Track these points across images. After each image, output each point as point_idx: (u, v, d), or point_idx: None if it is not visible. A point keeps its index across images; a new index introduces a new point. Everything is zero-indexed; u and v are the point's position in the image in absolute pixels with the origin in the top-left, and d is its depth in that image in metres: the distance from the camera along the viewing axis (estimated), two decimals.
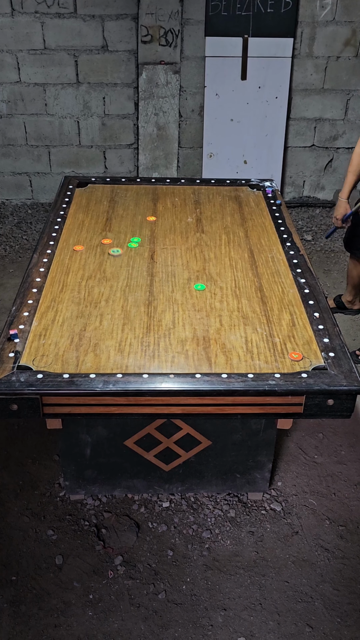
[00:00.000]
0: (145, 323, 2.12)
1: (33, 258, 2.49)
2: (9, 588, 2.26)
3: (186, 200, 3.06)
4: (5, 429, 2.91)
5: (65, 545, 2.41)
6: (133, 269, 2.44)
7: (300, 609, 2.22)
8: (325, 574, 2.34)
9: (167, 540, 2.44)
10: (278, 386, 1.84)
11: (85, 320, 2.12)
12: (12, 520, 2.50)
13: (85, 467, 2.46)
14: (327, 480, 2.71)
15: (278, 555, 2.40)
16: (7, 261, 4.40)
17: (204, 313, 2.18)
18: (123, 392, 1.84)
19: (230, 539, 2.45)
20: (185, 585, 2.29)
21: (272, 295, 2.29)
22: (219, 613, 2.20)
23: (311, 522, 2.52)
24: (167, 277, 2.39)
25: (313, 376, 1.88)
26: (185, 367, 1.92)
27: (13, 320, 2.11)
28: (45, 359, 1.93)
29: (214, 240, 2.67)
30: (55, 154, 4.93)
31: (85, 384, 1.83)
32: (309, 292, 2.30)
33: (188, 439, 2.37)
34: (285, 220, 2.85)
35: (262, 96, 4.76)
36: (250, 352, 1.98)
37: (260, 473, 2.51)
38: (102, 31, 4.48)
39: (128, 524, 2.48)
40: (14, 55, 4.52)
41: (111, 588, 2.27)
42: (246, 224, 2.82)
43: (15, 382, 1.83)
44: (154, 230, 2.75)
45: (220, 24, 4.48)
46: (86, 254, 2.54)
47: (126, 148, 4.95)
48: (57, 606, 2.20)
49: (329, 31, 4.56)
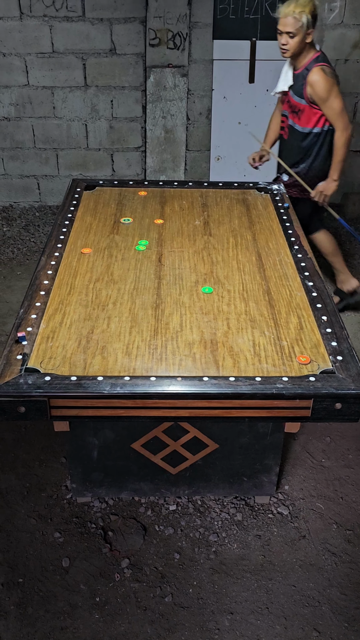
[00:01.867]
0: (152, 326, 2.12)
1: (41, 261, 2.50)
2: (16, 590, 2.26)
3: (194, 203, 3.06)
4: (12, 431, 2.92)
5: (72, 548, 2.41)
6: (141, 271, 2.44)
7: (308, 613, 2.21)
8: (332, 578, 2.33)
9: (173, 543, 2.44)
10: (286, 389, 1.84)
11: (92, 322, 2.13)
12: (19, 523, 2.50)
13: (92, 470, 2.46)
14: (335, 484, 2.70)
15: (285, 559, 2.39)
16: (15, 263, 4.41)
17: (212, 316, 2.18)
18: (130, 395, 1.84)
19: (237, 542, 2.45)
20: (192, 588, 2.28)
21: (280, 299, 2.28)
22: (226, 617, 2.19)
23: (318, 526, 2.51)
24: (174, 280, 2.39)
25: (321, 380, 1.87)
26: (193, 370, 1.91)
27: (21, 322, 2.11)
28: (53, 361, 1.93)
29: (222, 243, 2.67)
30: (63, 156, 4.94)
31: (93, 386, 1.83)
32: (317, 295, 2.30)
33: (195, 442, 2.37)
34: (293, 223, 2.85)
35: (270, 99, 4.75)
36: (257, 356, 1.98)
37: (267, 476, 2.50)
38: (110, 34, 4.50)
39: (135, 526, 2.48)
40: (23, 59, 4.55)
41: (118, 591, 2.26)
42: (254, 227, 2.82)
43: (23, 384, 1.83)
44: (162, 233, 2.75)
45: (228, 27, 4.49)
46: (94, 257, 2.54)
47: (134, 151, 4.96)
48: (64, 609, 2.20)
49: (337, 34, 4.56)
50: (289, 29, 3.19)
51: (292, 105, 3.44)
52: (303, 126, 3.43)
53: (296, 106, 3.40)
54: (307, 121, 3.40)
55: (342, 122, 3.32)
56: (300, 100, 3.36)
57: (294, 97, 3.40)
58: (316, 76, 3.24)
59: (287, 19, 3.17)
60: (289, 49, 3.25)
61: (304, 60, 3.32)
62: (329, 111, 3.31)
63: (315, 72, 3.25)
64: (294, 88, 3.39)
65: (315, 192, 3.51)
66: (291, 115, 3.47)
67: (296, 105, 3.40)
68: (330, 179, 3.49)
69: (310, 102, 3.33)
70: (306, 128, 3.42)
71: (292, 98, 3.41)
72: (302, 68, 3.33)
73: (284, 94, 3.51)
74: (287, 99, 3.48)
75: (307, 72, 3.29)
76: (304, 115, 3.39)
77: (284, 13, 3.18)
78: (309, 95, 3.30)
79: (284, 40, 3.24)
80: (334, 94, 3.27)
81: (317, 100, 3.29)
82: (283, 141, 3.64)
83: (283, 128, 3.59)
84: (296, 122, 3.45)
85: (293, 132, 3.49)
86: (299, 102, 3.38)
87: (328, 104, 3.28)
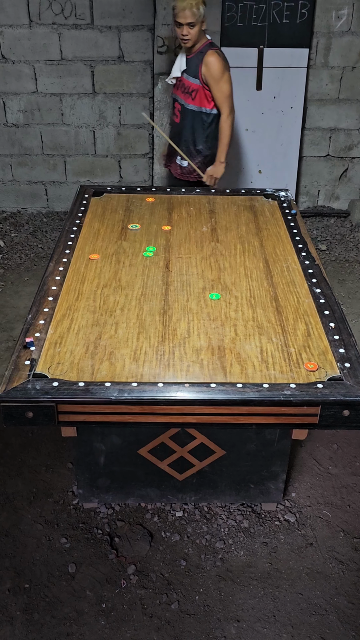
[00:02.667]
0: (160, 332, 2.12)
1: (49, 266, 2.51)
2: (22, 596, 2.26)
3: (201, 210, 3.07)
4: (19, 436, 2.92)
5: (78, 554, 2.40)
6: (148, 277, 2.45)
7: (315, 621, 2.20)
8: (339, 586, 2.31)
9: (180, 550, 2.43)
10: (293, 396, 1.83)
11: (100, 328, 2.13)
12: (26, 528, 2.50)
13: (99, 476, 2.46)
14: (342, 492, 2.68)
15: (292, 567, 2.38)
16: (23, 269, 4.43)
17: (219, 322, 2.18)
18: (138, 401, 1.84)
19: (244, 549, 2.44)
20: (199, 595, 2.27)
21: (288, 305, 2.28)
22: (232, 624, 2.18)
23: (325, 534, 2.50)
24: (182, 286, 2.39)
25: (329, 387, 1.87)
26: (200, 377, 1.92)
27: (29, 328, 2.12)
28: (61, 367, 1.94)
29: (229, 249, 2.68)
30: (71, 163, 4.97)
31: (101, 392, 1.84)
32: (324, 302, 2.30)
33: (202, 449, 2.37)
34: (301, 229, 2.85)
35: (277, 106, 4.77)
36: (265, 362, 1.98)
37: (274, 483, 2.50)
38: (118, 42, 4.52)
39: (141, 533, 2.48)
40: (31, 66, 4.58)
41: (124, 597, 2.26)
42: (261, 234, 2.82)
43: (31, 389, 1.84)
44: (169, 239, 2.76)
45: (236, 34, 4.51)
46: (102, 263, 2.55)
47: (141, 157, 4.98)
48: (70, 615, 2.20)
49: (344, 41, 4.57)
50: (189, 20, 3.42)
51: (185, 87, 3.67)
52: (198, 105, 3.66)
53: (190, 86, 3.63)
54: (200, 101, 3.64)
55: (229, 106, 3.62)
56: (194, 80, 3.61)
57: (188, 79, 3.63)
58: (212, 57, 3.53)
59: (187, 11, 3.40)
60: (191, 39, 3.50)
61: (198, 45, 3.58)
62: (218, 93, 3.58)
63: (211, 54, 3.54)
64: (188, 71, 3.63)
65: (206, 176, 3.76)
66: (184, 97, 3.69)
67: (190, 86, 3.63)
68: (218, 161, 3.75)
69: (204, 83, 3.58)
70: (201, 108, 3.65)
71: (187, 80, 3.64)
72: (196, 52, 3.58)
73: (178, 80, 3.72)
74: (180, 84, 3.70)
75: (202, 55, 3.55)
76: (198, 95, 3.63)
77: (183, 6, 3.39)
78: (203, 75, 3.55)
79: (185, 32, 3.47)
80: (225, 77, 3.57)
81: (210, 80, 3.54)
82: (175, 125, 3.82)
83: (174, 113, 3.79)
84: (189, 102, 3.67)
85: (186, 113, 3.71)
86: (193, 82, 3.62)
87: (219, 86, 3.56)
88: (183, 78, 3.67)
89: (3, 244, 4.75)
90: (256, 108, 4.77)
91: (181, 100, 3.71)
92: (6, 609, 2.22)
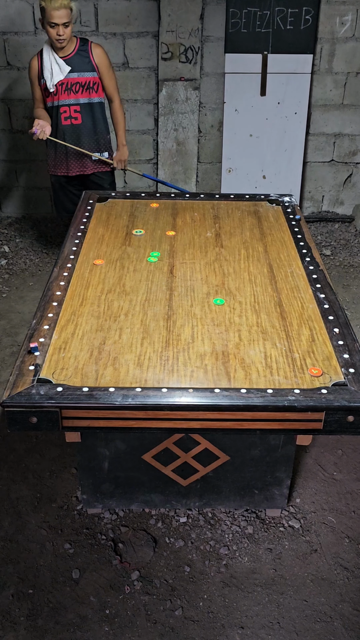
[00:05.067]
0: (164, 337, 2.12)
1: (53, 272, 2.52)
2: (26, 601, 2.26)
3: (205, 215, 3.07)
4: (23, 441, 2.92)
5: (82, 559, 2.40)
6: (152, 283, 2.45)
7: (319, 628, 2.18)
8: (344, 593, 2.30)
9: (184, 556, 2.42)
10: (297, 402, 1.83)
11: (104, 333, 2.14)
12: (30, 533, 2.50)
13: (103, 481, 2.46)
14: (347, 498, 2.67)
15: (296, 574, 2.37)
16: (27, 274, 4.44)
17: (223, 327, 2.18)
18: (142, 407, 1.84)
19: (248, 555, 2.43)
20: (202, 602, 2.27)
21: (292, 311, 2.28)
22: (237, 631, 2.17)
23: (330, 540, 2.49)
24: (186, 292, 2.40)
25: (333, 392, 1.87)
26: (204, 382, 1.91)
27: (33, 333, 2.13)
28: (65, 372, 1.94)
29: (233, 254, 2.68)
30: None
31: (105, 397, 1.84)
32: (329, 307, 2.30)
33: (206, 454, 2.36)
34: (305, 235, 2.85)
35: (281, 112, 4.79)
36: (269, 368, 1.97)
37: (278, 489, 2.49)
38: (123, 48, 4.55)
39: (145, 538, 2.47)
40: None
41: (128, 603, 2.25)
42: (265, 239, 2.82)
43: (35, 394, 1.84)
44: (174, 244, 2.76)
45: (240, 40, 4.53)
46: (106, 268, 2.56)
47: (146, 163, 5.00)
48: (74, 620, 2.20)
49: (348, 47, 4.58)
50: (64, 19, 3.47)
51: (82, 84, 3.73)
52: (99, 97, 3.81)
53: (89, 81, 3.73)
54: (99, 92, 3.81)
55: (118, 93, 3.88)
56: (91, 74, 3.73)
57: (82, 75, 3.71)
58: (100, 49, 3.72)
59: (62, 10, 3.43)
60: (66, 38, 3.56)
61: (72, 44, 3.68)
62: (110, 82, 3.79)
63: (97, 46, 3.72)
64: (76, 68, 3.69)
65: (117, 162, 3.99)
66: (84, 95, 3.76)
67: (89, 80, 3.73)
68: (121, 145, 3.97)
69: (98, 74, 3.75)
70: (101, 98, 3.83)
71: (81, 77, 3.71)
72: (74, 51, 3.68)
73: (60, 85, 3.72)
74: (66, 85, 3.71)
75: (84, 50, 3.69)
76: (99, 87, 3.78)
77: (57, 6, 3.41)
78: (98, 66, 3.71)
79: (61, 32, 3.51)
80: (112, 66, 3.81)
81: (103, 69, 3.73)
82: (76, 128, 3.85)
83: (68, 118, 3.80)
84: (93, 95, 3.79)
85: (90, 109, 3.81)
86: (91, 77, 3.73)
87: (110, 73, 3.78)
88: (71, 78, 3.69)
89: (8, 249, 4.76)
90: (260, 114, 4.79)
91: (79, 100, 3.76)
92: (10, 614, 2.21)
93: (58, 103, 3.75)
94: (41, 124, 3.65)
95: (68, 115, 3.78)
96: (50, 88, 3.71)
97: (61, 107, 3.76)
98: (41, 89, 3.77)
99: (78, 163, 3.92)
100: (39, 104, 3.84)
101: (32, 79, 3.77)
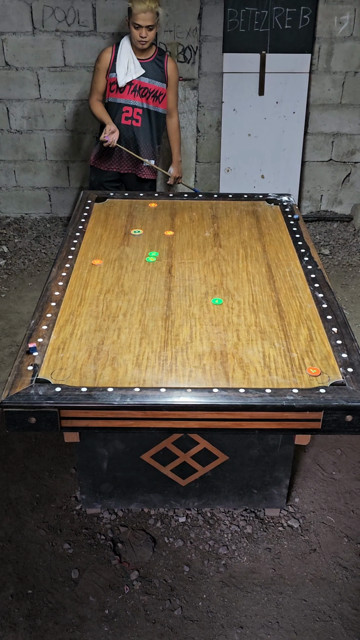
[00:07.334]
0: (162, 337, 2.12)
1: (52, 272, 2.51)
2: (25, 602, 2.26)
3: (204, 215, 3.07)
4: (22, 441, 2.92)
5: (81, 560, 2.40)
6: (151, 283, 2.45)
7: (318, 628, 2.19)
8: (343, 592, 2.30)
9: (183, 555, 2.42)
10: (296, 402, 1.83)
11: (103, 334, 2.14)
12: (29, 533, 2.50)
13: (102, 481, 2.46)
14: (346, 497, 2.68)
15: (295, 573, 2.37)
16: (26, 275, 4.44)
17: (222, 327, 2.18)
18: (140, 406, 1.84)
19: (247, 555, 2.43)
20: (202, 601, 2.27)
21: (290, 310, 2.28)
22: (236, 631, 2.17)
23: (329, 540, 2.49)
24: (184, 292, 2.40)
25: (331, 392, 1.87)
26: (203, 382, 1.91)
27: (32, 333, 2.13)
28: (64, 372, 1.94)
29: (232, 254, 2.68)
30: (74, 168, 4.99)
31: (103, 397, 1.84)
32: (327, 306, 2.30)
33: (205, 454, 2.36)
34: (303, 234, 2.85)
35: (279, 111, 4.79)
36: (267, 367, 1.98)
37: (277, 489, 2.49)
38: None
39: (144, 538, 2.47)
40: (35, 73, 4.60)
41: (127, 603, 2.25)
42: (264, 239, 2.82)
43: (33, 395, 1.84)
44: (172, 244, 2.76)
45: (238, 40, 4.53)
46: (104, 268, 2.55)
47: None
48: (73, 621, 2.20)
49: (346, 47, 4.58)
50: (149, 22, 3.56)
51: (150, 91, 3.83)
52: (163, 108, 3.91)
53: (158, 90, 3.83)
54: (164, 103, 3.91)
55: (177, 110, 4.05)
56: (161, 84, 3.83)
57: (153, 83, 3.81)
58: (173, 64, 3.85)
59: (147, 13, 3.53)
60: (148, 40, 3.66)
61: (151, 50, 3.79)
62: (174, 97, 3.93)
63: (172, 61, 3.86)
64: (150, 75, 3.78)
65: (172, 179, 4.16)
66: (149, 101, 3.85)
67: (158, 90, 3.83)
68: (177, 162, 4.15)
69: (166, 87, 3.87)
70: (164, 110, 3.93)
71: (151, 84, 3.81)
72: (153, 56, 3.79)
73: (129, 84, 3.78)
74: (135, 87, 3.77)
75: (161, 61, 3.80)
76: (164, 98, 3.88)
77: (143, 9, 3.51)
78: (168, 79, 3.81)
79: (144, 33, 3.61)
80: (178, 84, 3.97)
81: (172, 84, 3.86)
82: (134, 129, 3.92)
83: (129, 118, 3.85)
84: (157, 105, 3.88)
85: (153, 117, 3.90)
86: (160, 87, 3.84)
87: (176, 90, 3.93)
88: (142, 82, 3.78)
89: (7, 249, 4.76)
90: (259, 113, 4.79)
91: (147, 106, 3.85)
92: (9, 614, 2.21)
93: (122, 101, 3.82)
94: (112, 129, 3.74)
95: (130, 115, 3.83)
96: (121, 83, 3.76)
97: (125, 106, 3.82)
98: (107, 82, 3.81)
99: (131, 164, 4.00)
100: (99, 96, 3.88)
101: (99, 70, 3.83)
